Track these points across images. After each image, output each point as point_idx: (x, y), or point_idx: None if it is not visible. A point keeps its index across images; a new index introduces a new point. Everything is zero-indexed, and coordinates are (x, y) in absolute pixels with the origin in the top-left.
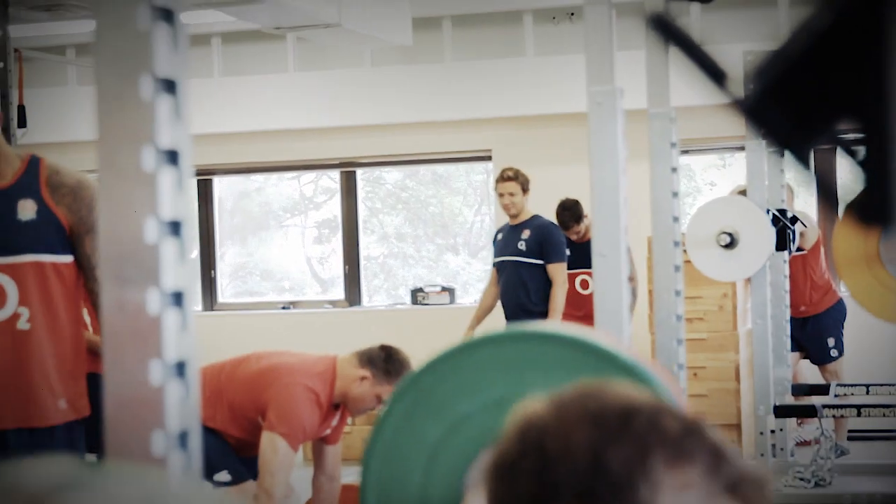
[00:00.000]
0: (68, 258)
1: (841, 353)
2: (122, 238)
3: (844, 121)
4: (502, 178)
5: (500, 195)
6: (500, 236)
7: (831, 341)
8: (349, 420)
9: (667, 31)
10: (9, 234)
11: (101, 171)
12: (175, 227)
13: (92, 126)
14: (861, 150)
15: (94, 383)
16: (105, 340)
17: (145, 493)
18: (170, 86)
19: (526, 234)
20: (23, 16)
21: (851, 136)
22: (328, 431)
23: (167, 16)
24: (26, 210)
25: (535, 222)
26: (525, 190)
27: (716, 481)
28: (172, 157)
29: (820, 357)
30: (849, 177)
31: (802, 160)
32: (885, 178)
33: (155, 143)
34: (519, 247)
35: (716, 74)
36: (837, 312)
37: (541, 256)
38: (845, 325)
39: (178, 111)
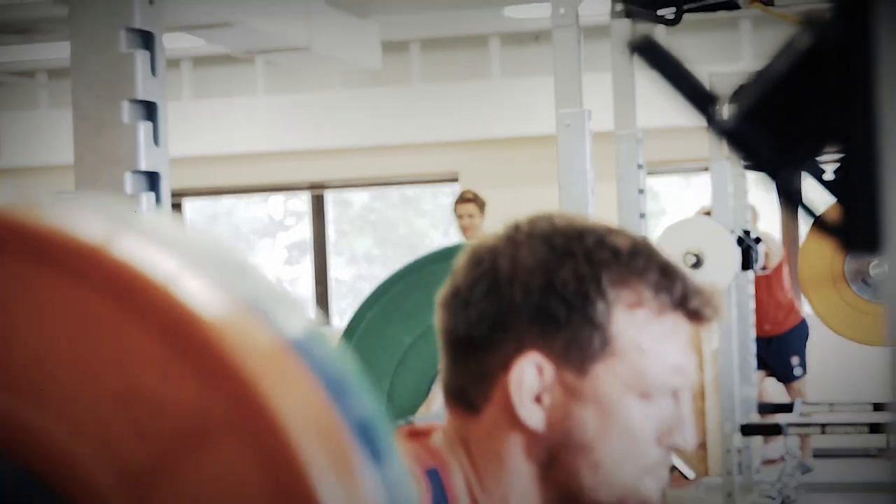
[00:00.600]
0: None
1: (804, 371)
2: None
3: (828, 144)
4: (461, 199)
5: (459, 216)
6: None
7: (795, 360)
8: None
9: (652, 52)
10: None
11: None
12: None
13: (65, 150)
14: (842, 174)
15: None
16: None
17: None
18: (149, 109)
19: None
20: None
21: (832, 159)
22: None
23: (147, 40)
24: None
25: None
26: (482, 212)
27: (665, 297)
28: (152, 180)
29: (784, 375)
30: (822, 200)
31: (785, 185)
32: (870, 204)
33: (135, 166)
34: None
35: (702, 98)
36: (801, 332)
37: None
38: (809, 343)
39: (158, 135)
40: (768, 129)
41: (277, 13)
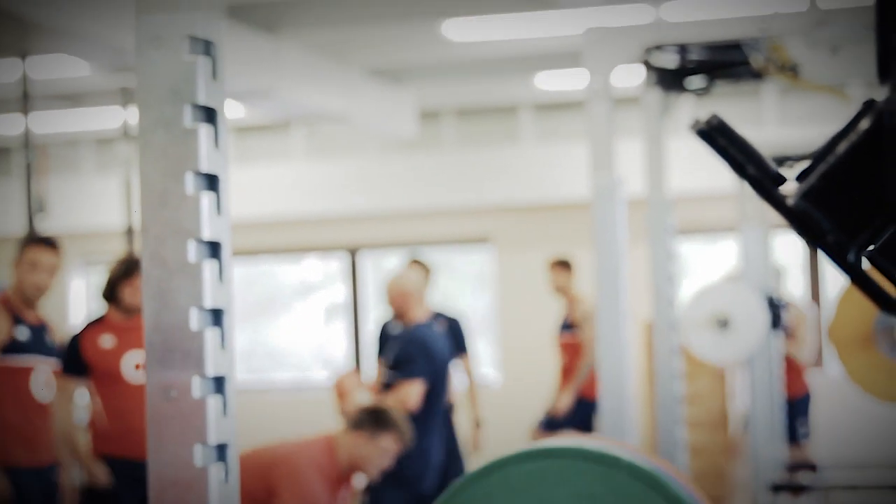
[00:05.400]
0: None
1: (808, 435)
2: (167, 326)
3: (892, 225)
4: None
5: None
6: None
7: (802, 423)
8: None
9: (721, 133)
10: None
11: (145, 261)
12: (217, 316)
13: (109, 215)
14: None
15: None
16: (149, 424)
17: None
18: (212, 181)
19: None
20: (44, 105)
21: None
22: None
23: (210, 115)
24: None
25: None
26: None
27: None
28: (214, 249)
29: (792, 436)
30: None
31: (843, 261)
32: None
33: (198, 235)
34: None
35: (769, 179)
36: (808, 399)
37: None
38: (835, 403)
39: (220, 205)
40: (832, 210)
41: (316, 82)
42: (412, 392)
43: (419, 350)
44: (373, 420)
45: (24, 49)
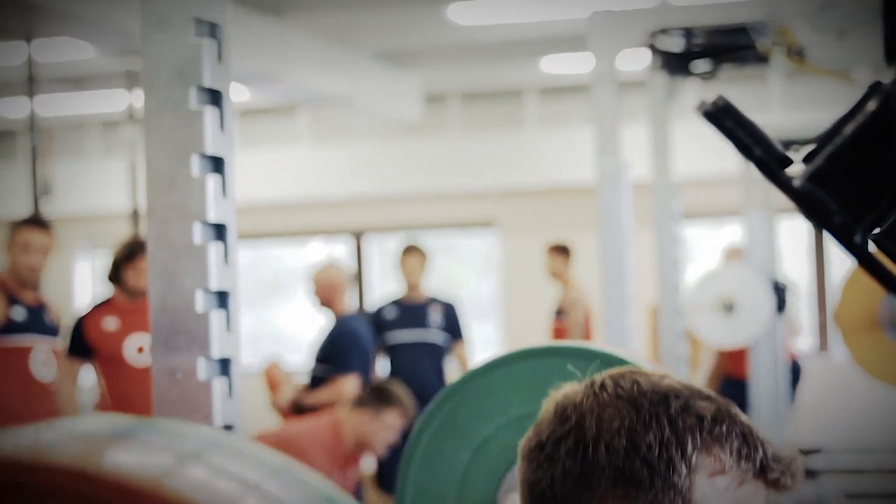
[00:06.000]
0: None
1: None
2: (173, 308)
3: (893, 202)
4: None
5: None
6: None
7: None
8: None
9: (728, 115)
10: None
11: (151, 244)
12: (222, 298)
13: (114, 198)
14: None
15: None
16: (155, 405)
17: (198, 443)
18: (217, 164)
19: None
20: (50, 88)
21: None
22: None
23: (215, 97)
24: None
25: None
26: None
27: (747, 465)
28: (220, 231)
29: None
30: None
31: (850, 243)
32: None
33: (204, 218)
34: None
35: (776, 160)
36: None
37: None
38: (840, 387)
39: (226, 188)
40: (838, 192)
41: (322, 66)
42: (349, 386)
43: (350, 342)
44: (376, 397)
45: (29, 32)
